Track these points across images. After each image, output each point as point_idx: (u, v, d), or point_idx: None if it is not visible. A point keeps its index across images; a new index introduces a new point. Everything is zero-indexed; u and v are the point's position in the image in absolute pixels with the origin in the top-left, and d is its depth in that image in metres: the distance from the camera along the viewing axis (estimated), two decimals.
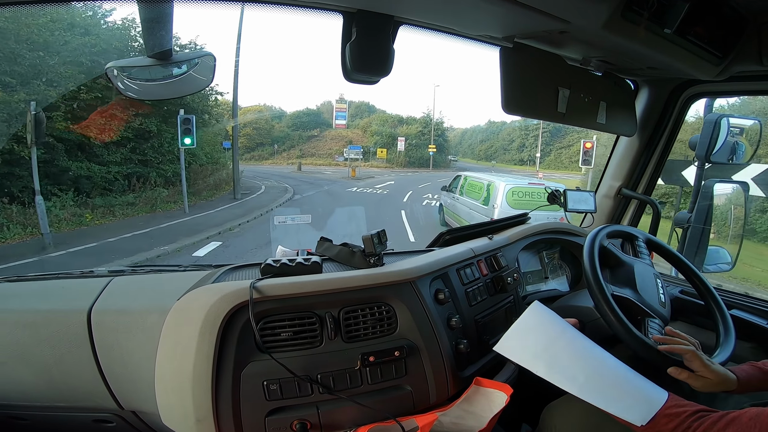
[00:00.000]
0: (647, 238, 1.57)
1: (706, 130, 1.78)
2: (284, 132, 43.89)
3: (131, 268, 1.48)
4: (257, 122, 41.81)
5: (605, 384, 1.05)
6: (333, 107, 43.38)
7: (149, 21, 0.96)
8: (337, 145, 40.87)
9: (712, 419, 0.92)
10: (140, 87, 1.04)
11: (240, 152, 34.19)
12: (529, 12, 1.05)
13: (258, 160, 38.88)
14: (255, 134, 41.40)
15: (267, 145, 41.40)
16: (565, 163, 41.79)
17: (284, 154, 40.98)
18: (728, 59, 1.36)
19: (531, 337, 1.14)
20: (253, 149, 40.88)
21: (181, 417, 1.08)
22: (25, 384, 1.25)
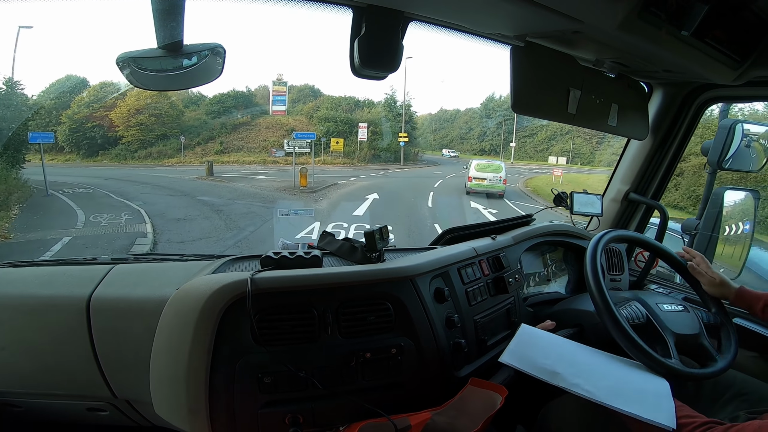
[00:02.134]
0: (652, 244, 1.55)
1: (720, 136, 1.74)
2: (200, 120, 33.98)
3: (134, 255, 1.49)
4: (157, 108, 31.42)
5: (625, 390, 1.08)
6: (270, 91, 35.12)
7: (161, 12, 0.95)
8: (275, 134, 32.29)
9: (719, 431, 0.95)
10: (151, 78, 1.04)
11: (129, 148, 29.53)
12: (542, 11, 1.03)
13: (157, 159, 29.95)
14: (154, 124, 31.20)
15: (173, 138, 31.34)
16: (530, 153, 40.59)
17: (198, 150, 31.44)
18: (747, 64, 1.33)
19: (539, 347, 1.15)
20: (151, 144, 30.99)
21: (174, 407, 1.09)
22: (22, 370, 1.26)
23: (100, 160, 30.11)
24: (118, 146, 30.55)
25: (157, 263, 1.44)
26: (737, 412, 1.23)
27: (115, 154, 30.41)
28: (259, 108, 35.36)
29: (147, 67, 1.03)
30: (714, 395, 1.31)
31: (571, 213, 1.93)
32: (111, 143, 30.64)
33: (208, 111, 35.06)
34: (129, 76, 1.02)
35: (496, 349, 1.47)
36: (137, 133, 30.73)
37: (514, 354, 1.10)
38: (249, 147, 32.14)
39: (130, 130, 30.52)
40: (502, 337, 1.52)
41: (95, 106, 30.70)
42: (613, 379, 1.10)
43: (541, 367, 1.08)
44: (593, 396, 1.04)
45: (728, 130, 1.72)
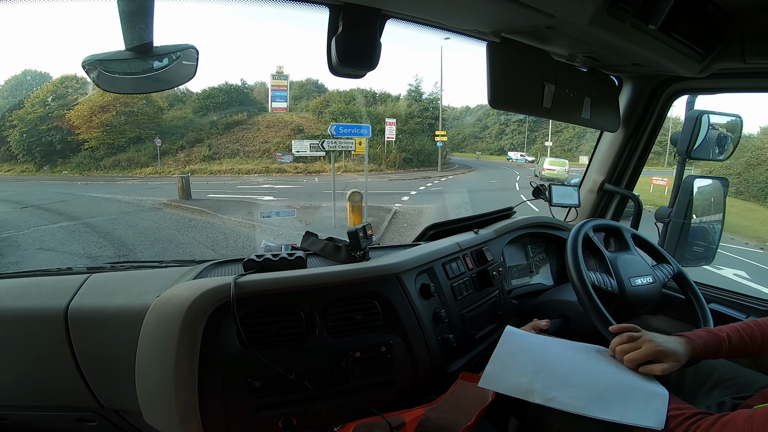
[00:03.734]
0: (629, 233, 1.59)
1: (688, 126, 1.80)
2: (185, 119, 27.67)
3: (110, 264, 1.45)
4: (127, 105, 25.47)
5: (609, 393, 1.06)
6: (268, 86, 29.16)
7: (128, 13, 0.93)
8: (278, 134, 26.19)
9: (708, 422, 0.95)
10: (118, 80, 1.01)
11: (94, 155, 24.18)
12: (516, 6, 1.05)
13: (126, 169, 24.28)
14: (124, 124, 25.36)
15: (149, 141, 25.29)
16: (556, 152, 35.55)
17: (181, 156, 25.17)
18: (711, 56, 1.38)
19: (516, 363, 1.12)
20: (121, 149, 24.97)
21: (165, 416, 1.06)
22: (4, 383, 1.22)
23: (59, 171, 25.14)
24: (80, 153, 25.29)
25: (135, 271, 1.40)
26: (722, 398, 1.24)
27: (76, 162, 25.17)
28: (257, 106, 29.62)
29: (115, 70, 1.00)
30: (696, 382, 1.33)
31: (550, 205, 1.97)
32: (72, 149, 25.36)
33: (195, 108, 28.79)
34: (96, 79, 1.00)
35: (485, 342, 1.49)
36: (102, 136, 25.16)
37: (490, 378, 1.08)
38: (246, 151, 25.92)
39: (93, 132, 25.02)
40: (489, 331, 1.53)
41: (52, 105, 25.39)
42: (597, 382, 1.08)
43: (517, 387, 1.07)
44: (570, 408, 1.02)
45: (695, 121, 1.79)
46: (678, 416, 0.99)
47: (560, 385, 1.06)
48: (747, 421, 0.90)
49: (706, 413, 0.99)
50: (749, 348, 1.14)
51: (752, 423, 0.89)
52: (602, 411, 1.02)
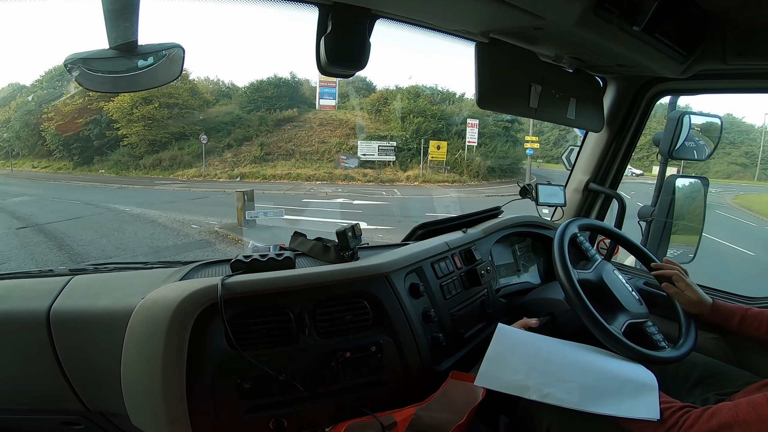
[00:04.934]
0: (612, 231, 1.62)
1: (669, 127, 1.84)
2: (231, 114, 24.66)
3: (93, 266, 1.42)
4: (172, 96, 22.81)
5: (601, 387, 1.08)
6: (317, 82, 25.87)
7: (113, 11, 0.91)
8: (335, 134, 22.99)
9: (695, 414, 0.98)
10: (102, 79, 0.99)
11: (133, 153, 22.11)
12: (504, 7, 1.06)
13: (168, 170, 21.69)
14: (167, 118, 22.82)
15: (193, 138, 22.59)
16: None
17: (228, 156, 22.35)
18: (692, 58, 1.41)
19: (510, 361, 1.13)
20: (163, 147, 22.46)
21: (153, 419, 1.04)
22: None
23: (95, 169, 22.88)
24: (118, 150, 22.79)
25: (119, 272, 1.37)
26: (706, 395, 1.27)
27: (114, 160, 22.67)
28: (306, 102, 26.52)
29: (98, 69, 0.98)
30: (677, 379, 1.35)
31: (537, 204, 1.99)
32: (110, 145, 22.93)
33: (242, 103, 25.48)
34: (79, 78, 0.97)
35: (474, 341, 1.49)
36: (143, 131, 22.32)
37: (486, 376, 1.10)
38: (303, 152, 22.50)
39: (134, 127, 22.37)
40: (478, 329, 1.54)
41: (92, 96, 22.03)
42: (591, 378, 1.10)
43: (512, 384, 1.08)
44: (566, 404, 1.04)
45: (677, 122, 1.83)
46: (668, 409, 1.02)
47: (555, 381, 1.08)
48: (732, 410, 0.94)
49: (691, 406, 1.02)
50: (762, 329, 1.27)
51: (737, 412, 0.93)
52: (597, 405, 1.04)
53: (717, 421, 0.94)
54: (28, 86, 25.86)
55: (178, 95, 23.25)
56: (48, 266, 1.23)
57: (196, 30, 20.37)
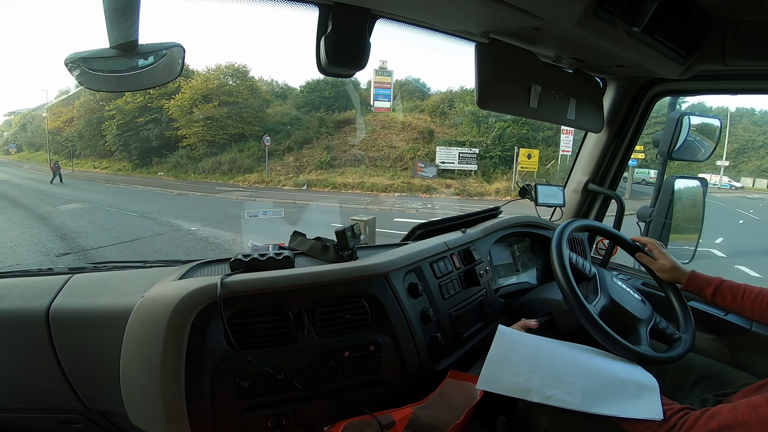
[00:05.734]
0: (611, 232, 1.62)
1: (669, 128, 1.84)
2: (289, 116, 23.03)
3: (93, 265, 1.42)
4: (232, 94, 21.81)
5: (604, 389, 1.08)
6: (371, 82, 23.46)
7: (113, 11, 0.91)
8: (401, 138, 20.90)
9: (694, 415, 0.98)
10: (102, 79, 0.99)
11: (192, 155, 21.08)
12: (504, 8, 1.06)
13: (228, 174, 20.37)
14: (227, 117, 21.55)
15: (253, 140, 21.20)
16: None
17: (289, 159, 20.62)
18: (692, 59, 1.41)
19: (511, 363, 1.13)
20: (221, 149, 21.24)
21: (151, 417, 1.05)
22: None
23: (154, 172, 21.86)
24: (177, 151, 21.69)
25: (118, 271, 1.38)
26: (704, 396, 1.27)
27: (173, 163, 21.47)
28: (363, 103, 24.26)
29: (98, 68, 0.98)
30: (675, 380, 1.35)
31: (536, 204, 1.99)
32: (169, 147, 21.87)
33: (299, 103, 23.97)
34: (79, 77, 0.98)
35: (472, 341, 1.50)
36: (203, 132, 21.02)
37: (487, 379, 1.09)
38: (372, 157, 20.32)
39: (193, 127, 21.31)
40: (477, 329, 1.54)
41: (153, 93, 21.25)
42: (593, 379, 1.11)
43: (514, 387, 1.08)
44: (569, 405, 1.05)
45: (676, 122, 1.83)
46: (666, 410, 1.02)
47: (557, 383, 1.08)
48: (731, 412, 0.94)
49: (690, 408, 1.02)
50: (737, 301, 1.28)
51: (737, 414, 0.93)
52: (600, 407, 1.04)
53: (716, 422, 0.94)
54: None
55: (237, 93, 22.15)
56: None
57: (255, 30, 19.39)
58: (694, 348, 1.33)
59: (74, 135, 25.91)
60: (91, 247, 8.98)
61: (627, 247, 1.57)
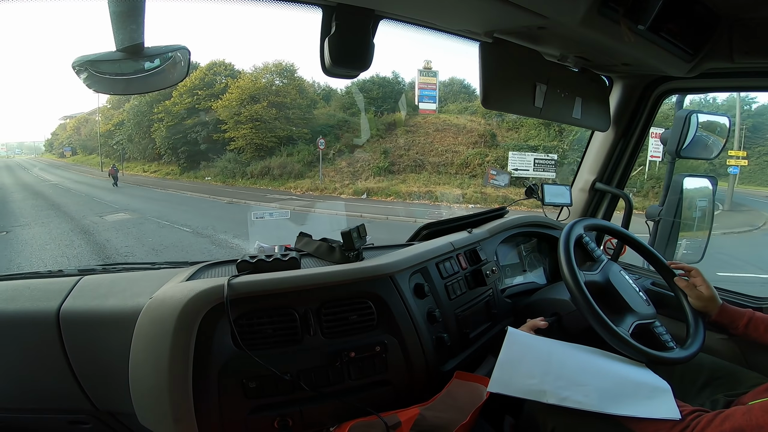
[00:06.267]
0: (620, 232, 1.60)
1: (677, 126, 1.83)
2: (336, 117, 21.51)
3: (102, 266, 1.44)
4: (280, 94, 20.54)
5: (618, 390, 1.08)
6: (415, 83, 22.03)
7: (119, 14, 0.92)
8: (460, 142, 19.12)
9: (707, 418, 0.98)
10: (109, 82, 1.00)
11: (239, 159, 20.02)
12: (508, 7, 1.06)
13: (278, 180, 19.09)
14: (275, 118, 20.40)
15: (303, 143, 19.91)
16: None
17: (342, 165, 19.00)
18: (699, 56, 1.40)
19: (523, 365, 1.13)
20: (269, 152, 19.94)
21: (159, 417, 1.05)
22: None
23: (201, 176, 20.85)
24: (224, 155, 20.62)
25: (127, 273, 1.39)
26: (715, 396, 1.26)
27: (221, 167, 20.39)
28: (410, 105, 22.28)
29: (105, 71, 0.99)
30: (686, 380, 1.34)
31: (543, 204, 1.98)
32: (217, 150, 20.86)
33: (345, 104, 22.30)
34: (87, 80, 0.99)
35: (479, 341, 1.49)
36: (251, 134, 19.90)
37: (499, 382, 1.09)
38: (433, 163, 18.56)
39: (241, 129, 20.14)
40: (483, 330, 1.54)
41: (200, 95, 20.95)
42: (606, 381, 1.10)
43: (528, 389, 1.08)
44: (586, 406, 1.04)
45: (684, 121, 1.81)
46: (680, 412, 1.02)
47: (571, 385, 1.08)
48: (745, 415, 0.93)
49: (702, 410, 1.02)
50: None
51: (750, 416, 0.93)
52: (617, 407, 1.04)
53: (730, 425, 0.94)
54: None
55: (286, 92, 20.89)
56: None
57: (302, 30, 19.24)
58: (705, 348, 1.31)
59: (124, 138, 25.89)
60: None
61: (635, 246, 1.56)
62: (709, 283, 1.36)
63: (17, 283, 1.31)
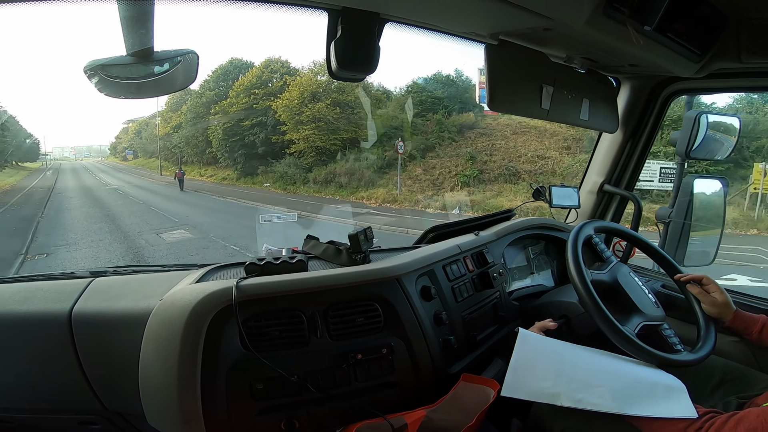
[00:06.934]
0: (629, 234, 1.59)
1: (686, 127, 1.81)
2: (397, 119, 19.20)
3: (113, 269, 1.46)
4: (342, 90, 18.66)
5: (633, 390, 1.07)
6: (475, 82, 20.20)
7: (129, 19, 0.94)
8: (545, 145, 17.00)
9: (721, 419, 0.97)
10: (120, 86, 1.02)
11: (300, 164, 18.27)
12: (513, 9, 1.06)
13: (345, 189, 17.06)
14: (338, 118, 18.56)
15: (366, 146, 18.10)
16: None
17: (418, 171, 17.11)
18: (707, 57, 1.39)
19: (536, 368, 1.12)
20: (331, 156, 18.22)
21: (168, 418, 1.06)
22: (7, 387, 1.22)
23: (260, 182, 19.59)
24: (284, 159, 19.02)
25: (137, 275, 1.41)
26: (727, 398, 1.25)
27: (280, 172, 18.81)
28: (477, 106, 20.02)
29: (116, 75, 1.01)
30: (698, 382, 1.32)
31: (550, 206, 1.97)
32: (275, 153, 19.40)
33: (404, 104, 19.99)
34: (98, 84, 1.01)
35: (486, 344, 1.49)
36: (313, 136, 17.97)
37: (512, 385, 1.08)
38: (525, 170, 16.29)
39: (303, 130, 18.29)
40: (490, 332, 1.53)
41: (258, 93, 19.57)
42: (620, 382, 1.10)
43: (541, 392, 1.08)
44: (601, 408, 1.03)
45: (693, 121, 1.79)
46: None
47: (585, 387, 1.07)
48: (760, 417, 0.93)
49: (716, 412, 1.01)
50: None
51: (765, 418, 0.92)
52: (633, 407, 1.03)
53: (744, 427, 0.93)
54: (196, 90, 23.87)
55: (349, 90, 18.82)
56: None
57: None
58: (716, 350, 1.30)
59: (182, 141, 25.55)
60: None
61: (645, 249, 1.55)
62: (722, 288, 1.34)
63: (30, 285, 1.33)
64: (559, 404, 1.05)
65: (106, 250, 10.10)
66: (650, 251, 1.56)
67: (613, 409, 1.03)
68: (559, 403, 1.05)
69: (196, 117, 23.74)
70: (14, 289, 1.31)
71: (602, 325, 1.20)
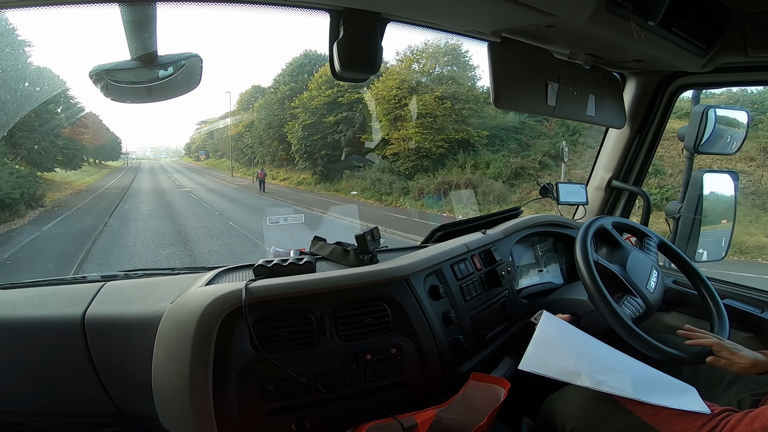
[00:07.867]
0: (641, 230, 1.58)
1: (694, 121, 1.79)
2: (507, 117, 15.75)
3: (124, 272, 1.47)
4: (455, 82, 15.51)
5: (651, 382, 1.08)
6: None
7: (132, 23, 0.95)
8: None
9: (736, 417, 0.97)
10: (125, 90, 1.03)
11: (395, 169, 15.15)
12: (515, 6, 1.06)
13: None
14: (447, 113, 15.04)
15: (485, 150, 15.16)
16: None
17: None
18: (713, 51, 1.38)
19: (559, 345, 1.12)
20: (436, 162, 15.12)
21: (181, 420, 1.07)
22: (23, 391, 1.24)
23: (345, 189, 16.92)
24: (375, 163, 16.21)
25: (148, 278, 1.42)
26: (741, 396, 1.23)
27: (371, 178, 15.77)
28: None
29: (121, 80, 1.02)
30: (711, 379, 1.31)
31: (558, 203, 1.96)
32: (362, 155, 16.76)
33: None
34: (103, 89, 1.02)
35: (495, 343, 1.48)
36: (416, 136, 15.02)
37: (533, 359, 1.07)
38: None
39: (403, 128, 15.51)
40: (499, 331, 1.53)
41: (343, 86, 16.38)
42: (638, 371, 1.10)
43: (563, 370, 1.07)
44: (622, 392, 1.04)
45: (701, 116, 1.78)
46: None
47: (606, 370, 1.08)
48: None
49: (731, 410, 1.01)
50: None
51: None
52: (651, 396, 1.04)
53: (760, 423, 0.93)
54: (266, 87, 22.80)
55: (462, 82, 15.60)
56: None
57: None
58: None
59: (254, 140, 23.61)
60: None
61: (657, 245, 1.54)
62: (739, 348, 1.18)
63: (44, 290, 1.35)
64: (579, 384, 1.05)
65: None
66: (662, 247, 1.54)
67: (632, 394, 1.03)
68: (579, 382, 1.05)
69: (271, 114, 21.65)
70: (28, 293, 1.33)
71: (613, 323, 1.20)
